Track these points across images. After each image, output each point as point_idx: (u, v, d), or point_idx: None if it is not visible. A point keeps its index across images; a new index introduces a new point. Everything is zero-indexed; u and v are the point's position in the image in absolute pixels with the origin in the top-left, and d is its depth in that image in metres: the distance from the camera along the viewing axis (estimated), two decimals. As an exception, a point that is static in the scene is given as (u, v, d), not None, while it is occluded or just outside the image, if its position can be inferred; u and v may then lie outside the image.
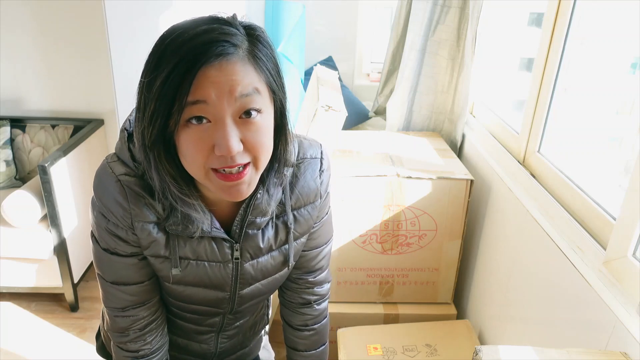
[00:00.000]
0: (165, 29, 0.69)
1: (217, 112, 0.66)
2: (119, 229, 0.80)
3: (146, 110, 0.68)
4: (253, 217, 0.83)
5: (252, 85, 0.68)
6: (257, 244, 0.87)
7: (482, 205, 1.76)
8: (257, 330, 1.15)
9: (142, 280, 0.86)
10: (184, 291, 0.88)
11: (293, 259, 0.94)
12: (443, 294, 1.83)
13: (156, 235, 0.80)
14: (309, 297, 1.05)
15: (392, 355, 1.58)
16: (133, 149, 0.78)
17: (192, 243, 0.83)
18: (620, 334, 0.94)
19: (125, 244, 0.82)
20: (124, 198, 0.77)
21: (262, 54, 0.70)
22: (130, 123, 0.80)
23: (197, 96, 0.65)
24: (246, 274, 0.89)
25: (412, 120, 2.16)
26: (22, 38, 2.49)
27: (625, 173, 1.23)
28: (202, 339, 1.04)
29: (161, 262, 0.84)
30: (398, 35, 2.23)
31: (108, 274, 0.85)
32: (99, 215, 0.80)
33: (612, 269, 1.02)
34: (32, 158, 2.56)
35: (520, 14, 2.05)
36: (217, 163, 0.69)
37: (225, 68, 0.65)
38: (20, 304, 2.34)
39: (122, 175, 0.77)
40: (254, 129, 0.69)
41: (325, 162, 0.92)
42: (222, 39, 0.66)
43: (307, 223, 0.92)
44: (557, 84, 1.40)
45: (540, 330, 1.30)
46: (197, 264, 0.85)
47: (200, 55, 0.64)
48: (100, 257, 0.84)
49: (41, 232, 2.14)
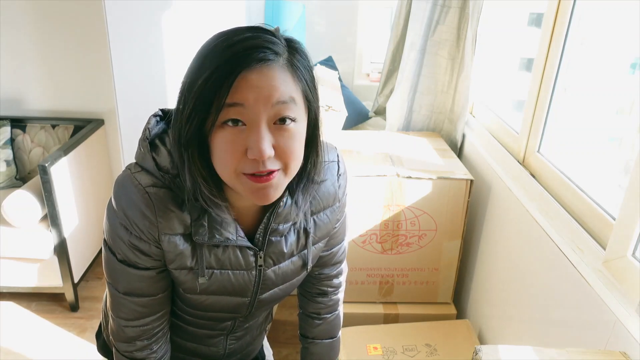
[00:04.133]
0: (211, 35, 0.71)
1: (253, 115, 0.68)
2: (142, 242, 0.79)
3: (185, 109, 0.69)
4: (276, 225, 0.84)
5: (289, 93, 0.69)
6: (280, 251, 0.88)
7: (482, 205, 1.76)
8: (263, 329, 1.17)
9: (156, 293, 0.86)
10: (205, 300, 0.88)
11: (311, 263, 0.95)
12: (443, 293, 1.84)
13: (182, 247, 0.80)
14: (325, 288, 1.09)
15: (392, 355, 1.58)
16: (157, 158, 0.78)
17: (218, 252, 0.83)
18: (619, 333, 0.94)
19: (146, 257, 0.81)
20: (152, 211, 0.76)
21: (301, 64, 0.72)
22: (149, 132, 0.80)
23: (235, 99, 0.66)
24: (268, 280, 0.90)
25: (412, 120, 2.16)
26: (23, 38, 2.49)
27: (625, 173, 1.23)
28: (212, 342, 1.04)
29: (186, 273, 0.83)
30: (398, 35, 2.24)
31: (121, 285, 0.84)
32: (120, 228, 0.78)
33: (612, 268, 1.02)
34: (32, 158, 2.56)
35: (520, 14, 2.05)
36: (248, 167, 0.70)
37: (266, 74, 0.67)
38: (21, 304, 2.34)
39: (149, 187, 0.76)
40: (287, 135, 0.70)
41: (342, 165, 0.94)
42: (264, 46, 0.68)
43: (327, 227, 0.94)
44: (557, 84, 1.41)
45: (540, 330, 1.30)
46: (221, 273, 0.85)
47: (242, 59, 0.66)
48: (115, 268, 0.82)
49: (41, 232, 2.14)
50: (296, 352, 2.07)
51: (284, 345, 2.06)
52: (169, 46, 2.03)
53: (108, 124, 2.60)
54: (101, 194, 2.58)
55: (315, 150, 0.79)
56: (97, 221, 2.52)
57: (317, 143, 0.79)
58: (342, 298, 1.15)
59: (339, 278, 1.10)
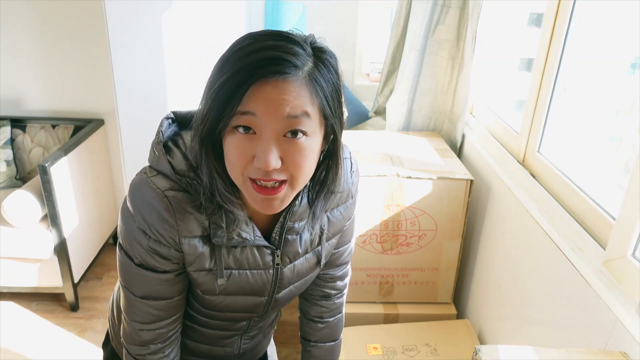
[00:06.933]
0: (240, 36, 0.71)
1: (263, 126, 0.68)
2: (161, 245, 0.79)
3: (204, 107, 0.71)
4: (292, 223, 0.85)
5: (302, 108, 0.68)
6: (295, 249, 0.89)
7: (482, 205, 1.76)
8: (272, 327, 1.18)
9: (173, 295, 0.86)
10: (223, 301, 0.89)
11: (325, 259, 0.96)
12: (443, 293, 1.84)
13: (202, 249, 0.81)
14: (329, 290, 1.09)
15: (392, 355, 1.58)
16: (172, 161, 0.78)
17: (236, 253, 0.84)
18: (619, 333, 0.94)
19: (165, 261, 0.81)
20: (171, 215, 0.76)
21: (323, 79, 0.70)
22: (162, 135, 0.80)
23: (246, 107, 0.67)
24: (284, 278, 0.91)
25: (412, 120, 2.16)
26: (23, 38, 2.49)
27: (625, 173, 1.23)
28: (227, 343, 1.05)
29: (205, 275, 0.84)
30: (398, 35, 2.23)
31: (138, 288, 0.84)
32: (138, 232, 0.78)
33: (612, 269, 1.02)
34: (32, 158, 2.56)
35: (520, 14, 2.05)
36: (254, 173, 0.70)
37: (280, 87, 0.67)
38: (21, 304, 2.34)
39: (168, 191, 0.76)
40: (296, 149, 0.70)
41: (354, 162, 0.95)
42: (283, 58, 0.67)
43: (340, 224, 0.95)
44: (557, 84, 1.41)
45: (539, 330, 1.30)
46: (239, 274, 0.86)
47: (258, 69, 0.66)
48: (132, 271, 0.82)
49: (41, 232, 2.14)
50: (296, 352, 2.08)
51: (284, 345, 2.06)
52: (169, 46, 2.03)
53: (108, 124, 2.60)
54: (101, 194, 2.58)
55: (336, 162, 0.79)
56: (97, 221, 2.52)
57: (338, 156, 0.79)
58: (345, 302, 1.14)
59: (343, 280, 1.10)
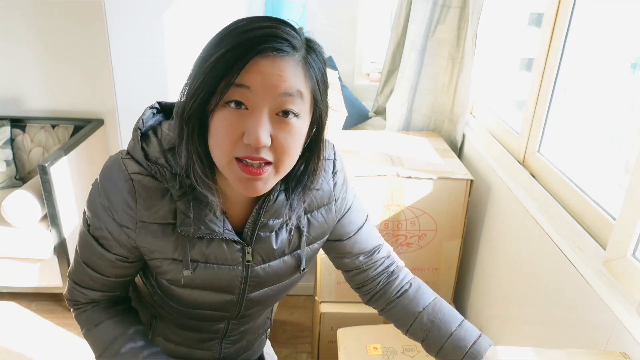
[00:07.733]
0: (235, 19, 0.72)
1: (257, 101, 0.68)
2: (116, 225, 0.79)
3: (193, 84, 0.70)
4: (265, 220, 0.83)
5: (297, 87, 0.70)
6: (269, 247, 0.87)
7: (482, 205, 1.76)
8: (260, 334, 1.15)
9: (108, 275, 0.87)
10: (190, 294, 0.87)
11: (305, 264, 0.93)
12: (443, 293, 1.83)
13: (163, 237, 0.80)
14: (383, 269, 1.02)
15: (392, 355, 1.58)
16: (146, 148, 0.78)
17: (202, 245, 0.82)
18: (620, 334, 0.94)
19: (115, 243, 0.81)
20: (133, 198, 0.76)
21: (315, 64, 0.73)
22: (143, 122, 0.81)
23: (243, 80, 0.67)
24: (256, 277, 0.88)
25: (412, 120, 2.16)
26: (22, 38, 2.49)
27: (625, 173, 1.23)
28: (206, 346, 1.03)
29: (169, 263, 0.83)
30: (398, 35, 2.23)
31: (84, 254, 0.85)
32: (100, 208, 0.79)
33: (612, 269, 1.02)
34: (32, 158, 2.56)
35: (520, 14, 2.05)
36: (242, 151, 0.70)
37: (278, 63, 0.68)
38: (21, 304, 2.34)
39: (135, 174, 0.76)
40: (287, 129, 0.70)
41: (338, 163, 0.92)
42: (283, 36, 0.69)
43: (322, 227, 0.92)
44: (557, 84, 1.40)
45: (540, 330, 1.30)
46: (205, 267, 0.84)
47: (258, 44, 0.67)
48: (85, 238, 0.84)
49: (41, 232, 2.14)
50: (296, 352, 2.08)
51: (284, 345, 2.06)
52: (169, 46, 2.03)
53: (108, 124, 2.60)
54: (101, 194, 2.57)
55: (317, 154, 0.79)
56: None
57: (320, 147, 0.78)
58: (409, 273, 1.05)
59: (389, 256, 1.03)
